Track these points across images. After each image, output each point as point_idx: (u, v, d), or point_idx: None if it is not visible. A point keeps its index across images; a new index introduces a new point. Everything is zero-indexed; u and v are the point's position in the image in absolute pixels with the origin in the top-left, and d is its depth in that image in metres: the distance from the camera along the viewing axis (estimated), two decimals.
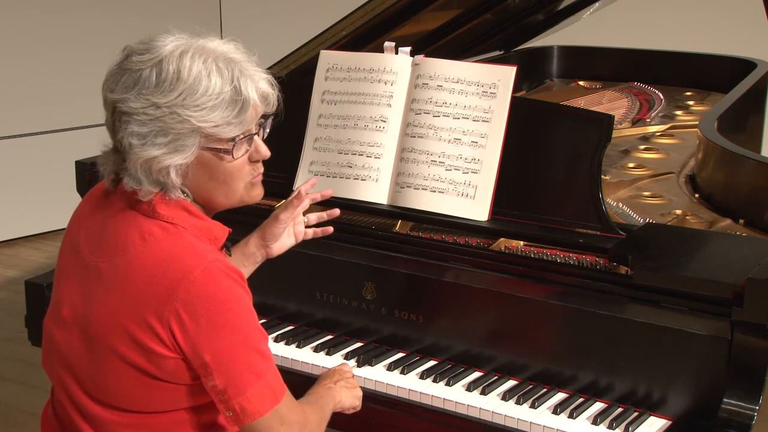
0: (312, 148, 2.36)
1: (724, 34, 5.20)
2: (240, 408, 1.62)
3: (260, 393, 1.63)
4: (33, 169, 5.52)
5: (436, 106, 2.25)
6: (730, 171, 2.48)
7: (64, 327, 1.71)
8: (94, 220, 1.73)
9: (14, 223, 5.53)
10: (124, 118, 1.60)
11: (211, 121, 1.61)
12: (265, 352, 1.65)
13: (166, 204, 1.65)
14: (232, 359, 1.60)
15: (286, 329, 2.29)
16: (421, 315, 2.16)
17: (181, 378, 1.63)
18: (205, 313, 1.58)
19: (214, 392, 1.62)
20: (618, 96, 3.61)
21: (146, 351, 1.61)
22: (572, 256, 2.06)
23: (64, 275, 1.75)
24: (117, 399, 1.67)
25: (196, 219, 1.68)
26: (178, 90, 1.60)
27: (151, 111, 1.59)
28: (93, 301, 1.66)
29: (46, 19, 5.49)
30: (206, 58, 1.62)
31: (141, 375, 1.63)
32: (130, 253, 1.64)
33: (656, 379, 1.92)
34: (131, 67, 1.62)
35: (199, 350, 1.59)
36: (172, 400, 1.66)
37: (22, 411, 3.60)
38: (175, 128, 1.60)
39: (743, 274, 1.82)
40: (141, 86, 1.60)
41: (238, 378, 1.61)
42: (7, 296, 4.77)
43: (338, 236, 2.28)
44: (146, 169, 1.62)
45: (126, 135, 1.61)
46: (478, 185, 2.17)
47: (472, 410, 1.97)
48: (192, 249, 1.63)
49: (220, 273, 1.61)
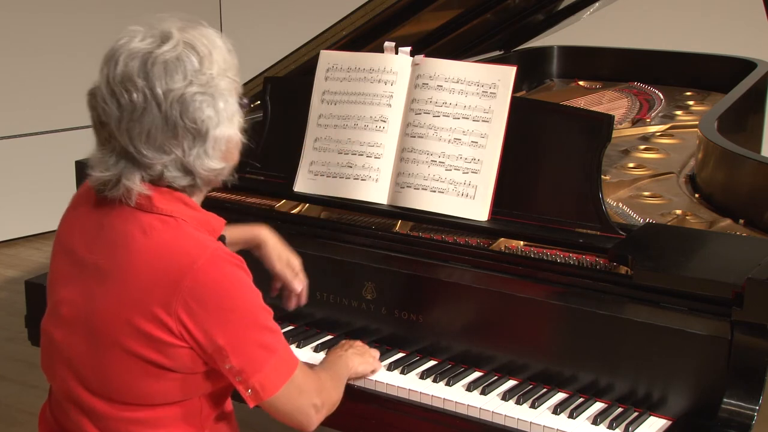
0: (312, 148, 2.36)
1: (724, 34, 5.20)
2: (260, 385, 1.67)
3: (276, 368, 1.68)
4: (33, 169, 5.52)
5: (436, 106, 2.25)
6: (730, 171, 2.48)
7: (65, 326, 1.71)
8: (87, 221, 1.73)
9: (14, 223, 5.53)
10: (185, 105, 1.60)
11: (237, 77, 1.69)
12: (273, 328, 1.70)
13: (163, 197, 1.66)
14: (245, 339, 1.65)
15: (286, 329, 2.29)
16: (421, 315, 2.16)
17: (188, 366, 1.66)
18: (214, 300, 1.62)
19: (232, 373, 1.66)
20: (618, 96, 3.61)
21: (154, 341, 1.63)
22: (572, 256, 2.06)
23: (60, 278, 1.75)
24: (122, 393, 1.68)
25: (194, 211, 1.70)
26: (215, 58, 1.64)
27: (211, 87, 1.62)
28: (95, 298, 1.67)
29: (46, 19, 5.49)
30: (204, 30, 1.68)
31: (148, 366, 1.64)
32: (132, 246, 1.65)
33: (656, 379, 1.92)
34: (166, 58, 1.60)
35: (212, 335, 1.62)
36: (176, 391, 1.68)
37: (22, 411, 3.60)
38: (227, 97, 1.65)
39: (743, 274, 1.82)
40: (189, 69, 1.61)
41: (253, 356, 1.66)
42: (7, 296, 4.77)
43: (338, 236, 2.28)
44: (219, 150, 1.65)
45: (196, 120, 1.61)
46: (478, 185, 2.17)
47: (472, 410, 1.97)
48: (193, 239, 1.65)
49: (222, 260, 1.64)
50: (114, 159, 1.64)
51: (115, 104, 1.61)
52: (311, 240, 2.29)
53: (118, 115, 1.61)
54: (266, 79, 2.52)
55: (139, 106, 1.59)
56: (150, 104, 1.59)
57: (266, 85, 2.50)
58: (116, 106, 1.61)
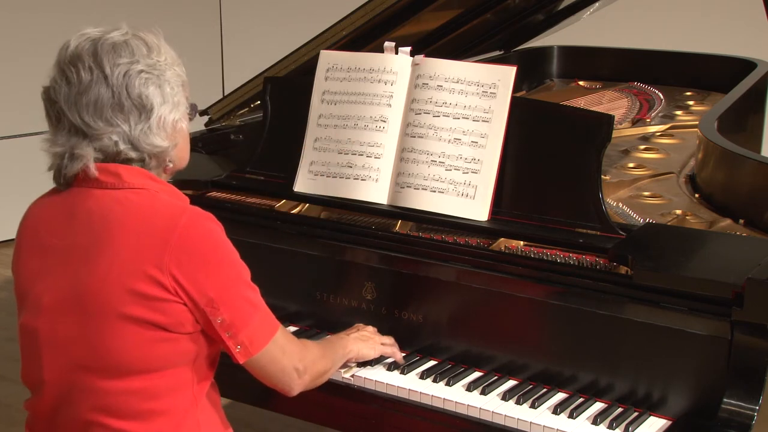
0: (312, 148, 2.36)
1: (724, 34, 5.20)
2: (249, 340, 1.73)
3: (261, 323, 1.76)
4: (33, 169, 5.51)
5: (436, 106, 2.25)
6: (730, 171, 2.48)
7: (49, 314, 1.74)
8: (54, 214, 1.78)
9: (14, 223, 5.49)
10: (131, 80, 1.69)
11: (184, 76, 1.78)
12: (254, 286, 1.77)
13: (131, 174, 1.73)
14: (232, 292, 1.72)
15: (287, 329, 2.28)
16: (421, 315, 2.16)
17: (183, 324, 1.70)
18: (201, 254, 1.68)
19: (223, 328, 1.71)
20: (618, 96, 3.61)
21: (150, 300, 1.67)
22: (572, 256, 2.06)
23: (32, 276, 1.78)
24: (120, 362, 1.70)
25: (162, 185, 1.78)
26: (163, 52, 1.75)
27: (156, 70, 1.71)
28: (80, 276, 1.70)
29: (47, 19, 5.49)
30: (159, 35, 1.79)
31: (144, 328, 1.68)
32: (111, 218, 1.70)
33: (656, 379, 1.92)
34: (115, 41, 1.72)
35: (203, 288, 1.68)
36: (173, 354, 1.72)
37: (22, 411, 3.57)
38: (174, 85, 1.74)
39: (743, 274, 1.82)
40: (137, 53, 1.71)
41: (241, 310, 1.72)
42: (7, 296, 4.77)
43: (338, 236, 2.28)
44: (164, 129, 1.72)
45: (141, 96, 1.69)
46: (478, 185, 2.17)
47: (472, 410, 1.97)
48: (170, 202, 1.74)
49: (202, 217, 1.72)
50: (65, 136, 1.72)
51: (65, 81, 1.71)
52: (311, 240, 2.29)
53: (66, 92, 1.70)
54: (266, 79, 2.52)
55: (86, 80, 1.70)
56: (98, 78, 1.69)
57: (266, 85, 2.50)
58: (65, 83, 1.71)
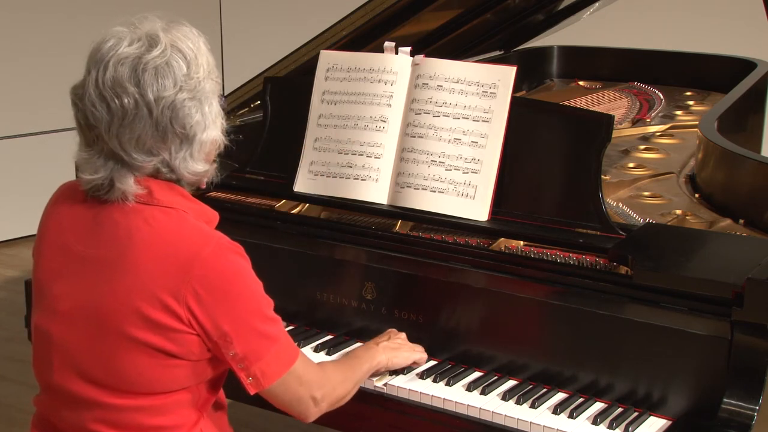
0: (312, 148, 2.36)
1: (724, 34, 5.19)
2: (261, 373, 1.71)
3: (277, 356, 1.73)
4: (32, 169, 5.52)
5: (436, 106, 2.25)
6: (730, 171, 2.48)
7: (64, 321, 1.72)
8: (78, 217, 1.74)
9: (14, 223, 5.52)
10: (176, 111, 1.64)
11: (216, 76, 1.74)
12: (275, 318, 1.75)
13: (162, 190, 1.70)
14: (248, 327, 1.69)
15: (287, 329, 2.28)
16: (421, 315, 2.16)
17: (195, 353, 1.69)
18: (220, 288, 1.66)
19: (235, 361, 1.69)
20: (618, 96, 3.61)
21: (162, 329, 1.65)
22: (572, 256, 2.06)
23: (52, 274, 1.76)
24: (130, 383, 1.69)
25: (192, 203, 1.74)
26: (200, 60, 1.69)
27: (198, 92, 1.67)
28: (98, 291, 1.68)
29: (47, 19, 5.49)
30: (186, 30, 1.71)
31: (157, 355, 1.67)
32: (136, 237, 1.67)
33: (656, 379, 1.92)
34: (157, 64, 1.63)
35: (218, 322, 1.66)
36: (184, 377, 1.71)
37: (22, 411, 3.60)
38: (212, 100, 1.70)
39: (743, 274, 1.82)
40: (178, 73, 1.65)
41: (256, 344, 1.70)
42: (7, 296, 4.77)
43: (338, 236, 2.28)
44: (203, 152, 1.70)
45: (185, 126, 1.65)
46: (478, 185, 2.17)
47: (472, 410, 1.97)
48: (197, 229, 1.70)
49: (227, 249, 1.69)
50: (102, 160, 1.67)
51: (105, 108, 1.63)
52: (311, 240, 2.29)
53: (108, 120, 1.64)
54: (266, 79, 2.52)
55: (131, 111, 1.62)
56: (141, 110, 1.63)
57: (266, 85, 2.50)
58: (106, 110, 1.63)
